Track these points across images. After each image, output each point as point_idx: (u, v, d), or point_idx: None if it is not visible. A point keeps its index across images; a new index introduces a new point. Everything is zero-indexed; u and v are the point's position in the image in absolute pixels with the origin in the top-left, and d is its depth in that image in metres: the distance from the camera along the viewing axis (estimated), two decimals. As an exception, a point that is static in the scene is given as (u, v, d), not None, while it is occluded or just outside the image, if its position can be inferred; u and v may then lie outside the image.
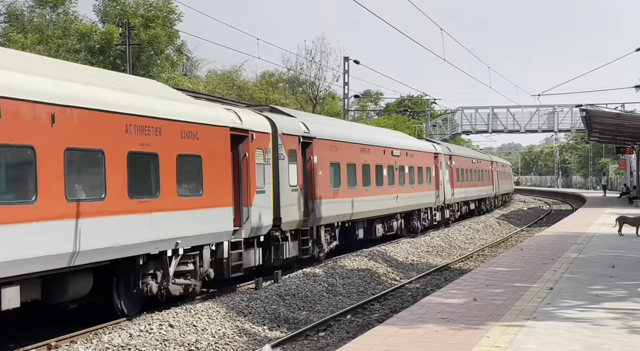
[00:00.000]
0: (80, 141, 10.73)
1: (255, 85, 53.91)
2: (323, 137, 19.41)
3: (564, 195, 74.43)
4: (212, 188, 14.04)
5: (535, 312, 9.76)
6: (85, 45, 38.00)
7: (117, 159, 11.45)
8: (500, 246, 27.62)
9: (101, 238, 11.05)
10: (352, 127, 26.25)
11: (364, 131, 25.62)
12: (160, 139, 12.52)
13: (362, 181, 22.34)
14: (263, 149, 16.25)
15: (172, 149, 12.89)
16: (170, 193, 12.81)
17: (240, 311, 13.35)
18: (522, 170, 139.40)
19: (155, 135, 12.42)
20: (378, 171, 23.78)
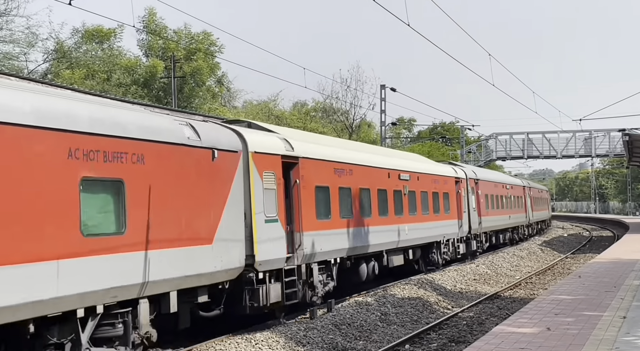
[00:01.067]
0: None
1: (292, 114, 54.27)
2: (480, 178, 23.40)
3: (602, 221, 73.17)
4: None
5: (616, 342, 9.42)
6: (131, 79, 38.67)
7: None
8: (547, 273, 27.07)
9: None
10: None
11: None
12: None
13: (500, 206, 27.71)
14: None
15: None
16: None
17: (299, 341, 13.18)
18: (557, 196, 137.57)
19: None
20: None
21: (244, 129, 14.16)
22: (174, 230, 10.90)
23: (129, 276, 9.82)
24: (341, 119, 57.64)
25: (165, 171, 10.85)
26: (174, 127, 11.35)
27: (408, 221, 21.84)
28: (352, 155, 18.95)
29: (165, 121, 11.33)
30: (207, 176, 11.93)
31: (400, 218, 21.26)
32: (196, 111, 33.45)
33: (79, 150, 9.22)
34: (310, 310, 15.62)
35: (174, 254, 10.83)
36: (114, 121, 9.89)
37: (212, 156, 12.12)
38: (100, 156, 9.52)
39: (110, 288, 9.45)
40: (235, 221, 12.62)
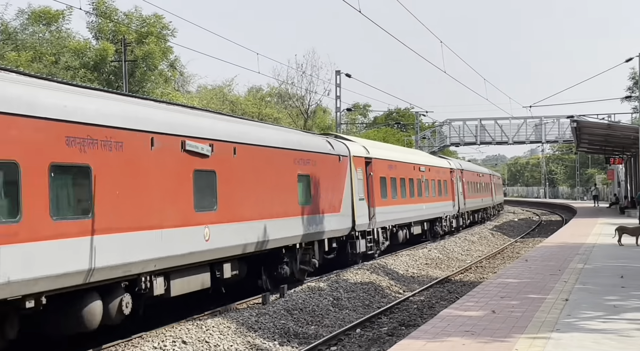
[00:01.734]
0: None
1: (247, 99, 53.87)
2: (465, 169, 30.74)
3: (551, 206, 74.89)
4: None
5: (557, 324, 9.71)
6: (80, 62, 37.76)
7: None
8: (496, 257, 27.64)
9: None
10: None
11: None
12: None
13: (477, 190, 31.50)
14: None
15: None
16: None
17: (251, 326, 13.22)
18: (509, 181, 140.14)
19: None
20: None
21: (346, 141, 22.44)
22: (328, 203, 19.34)
23: (317, 228, 18.67)
24: (296, 105, 57.53)
25: (324, 169, 19.24)
26: (324, 143, 19.88)
27: (425, 202, 29.90)
28: (396, 155, 27.62)
29: (321, 140, 20.12)
30: (337, 172, 20.27)
31: (420, 199, 29.28)
32: (148, 95, 32.97)
33: (298, 160, 17.76)
34: (263, 296, 15.68)
35: (328, 218, 19.33)
36: (306, 143, 18.53)
37: (338, 159, 20.38)
38: (306, 162, 18.02)
39: (303, 234, 17.73)
40: (347, 200, 20.92)
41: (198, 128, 13.19)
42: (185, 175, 12.54)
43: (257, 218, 15.19)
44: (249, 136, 15.14)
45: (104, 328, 12.29)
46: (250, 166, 14.90)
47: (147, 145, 11.54)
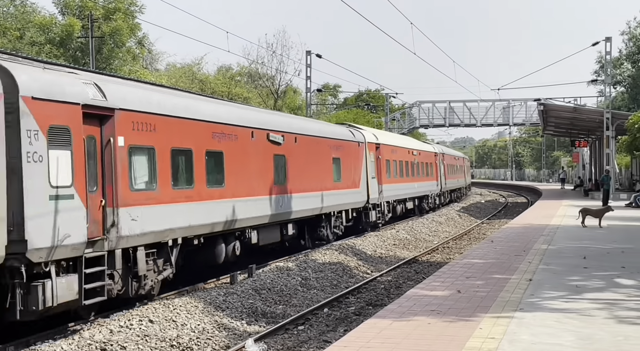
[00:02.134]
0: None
1: (217, 79, 53.33)
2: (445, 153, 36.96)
3: (518, 188, 75.86)
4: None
5: (520, 303, 9.89)
6: (46, 38, 36.93)
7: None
8: (463, 238, 27.98)
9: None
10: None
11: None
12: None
13: (455, 172, 38.44)
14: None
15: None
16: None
17: (218, 306, 13.22)
18: (476, 163, 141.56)
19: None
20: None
21: (362, 130, 27.79)
22: (351, 181, 24.34)
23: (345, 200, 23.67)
24: (267, 85, 57.16)
25: (348, 153, 24.17)
26: (347, 132, 25.25)
27: (417, 181, 34.75)
28: (397, 141, 33.24)
29: (345, 130, 25.60)
30: (357, 156, 25.11)
31: (414, 178, 34.15)
32: (116, 72, 32.44)
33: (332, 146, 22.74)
34: (231, 275, 15.67)
35: (351, 192, 24.32)
36: (337, 133, 23.98)
37: (358, 145, 25.24)
38: (337, 148, 22.92)
39: (336, 204, 22.74)
40: (364, 178, 25.79)
41: (275, 124, 18.62)
42: (269, 158, 17.81)
43: (310, 191, 20.59)
44: (304, 128, 20.75)
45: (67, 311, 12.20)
46: (305, 151, 20.23)
47: (249, 137, 16.79)
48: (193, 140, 14.22)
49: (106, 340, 10.27)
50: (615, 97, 61.00)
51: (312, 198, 20.74)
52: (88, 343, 9.97)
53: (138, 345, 10.40)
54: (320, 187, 21.44)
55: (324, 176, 21.84)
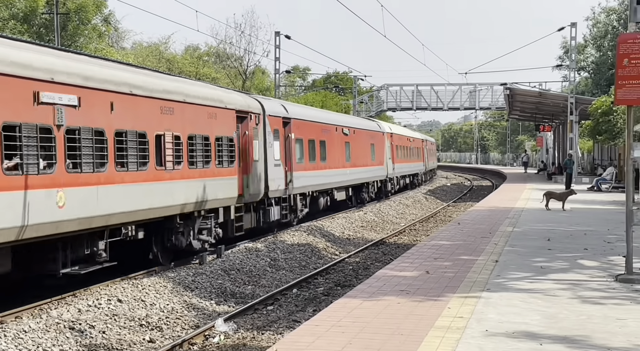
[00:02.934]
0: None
1: (184, 58, 52.72)
2: (396, 133, 40.27)
3: (483, 171, 76.83)
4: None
5: (487, 284, 10.08)
6: (9, 14, 36.02)
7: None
8: (430, 220, 28.31)
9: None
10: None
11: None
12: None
13: (406, 155, 42.10)
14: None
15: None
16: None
17: (187, 286, 13.22)
18: (443, 147, 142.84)
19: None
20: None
21: (383, 122, 40.23)
22: (378, 160, 33.90)
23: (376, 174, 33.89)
24: (235, 65, 56.72)
25: (378, 140, 34.23)
26: (375, 125, 35.76)
27: (413, 162, 45.20)
28: (402, 131, 45.69)
29: (373, 122, 36.43)
30: (381, 142, 34.92)
31: (411, 160, 44.26)
32: (81, 50, 31.85)
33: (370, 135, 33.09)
34: (200, 256, 15.64)
35: (379, 168, 33.95)
36: (372, 126, 34.82)
37: (382, 134, 35.13)
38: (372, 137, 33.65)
39: (372, 176, 32.97)
40: (386, 159, 35.14)
41: (343, 122, 29.00)
42: (343, 144, 27.90)
43: (361, 166, 30.22)
44: (357, 124, 31.52)
45: (35, 285, 12.07)
46: (358, 140, 30.07)
47: (335, 131, 26.76)
48: (315, 133, 24.23)
49: (74, 319, 10.21)
50: (579, 82, 61.96)
51: (362, 171, 30.62)
52: (56, 322, 9.91)
53: (107, 324, 10.36)
54: (365, 164, 31.32)
55: (367, 157, 31.84)
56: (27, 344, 9.05)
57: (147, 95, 13.41)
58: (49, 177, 10.63)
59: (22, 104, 10.28)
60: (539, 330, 7.55)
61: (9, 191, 9.87)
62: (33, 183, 10.31)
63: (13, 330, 9.31)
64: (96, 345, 9.59)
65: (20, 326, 9.49)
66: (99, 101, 12.00)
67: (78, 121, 11.31)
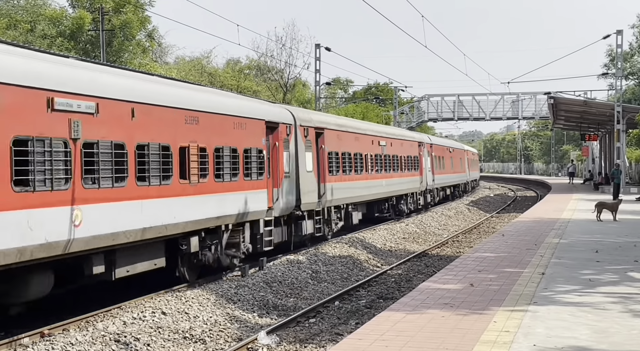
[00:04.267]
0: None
1: (225, 72, 53.30)
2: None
3: (527, 182, 75.65)
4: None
5: (534, 297, 9.86)
6: (57, 31, 37.02)
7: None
8: (473, 232, 27.94)
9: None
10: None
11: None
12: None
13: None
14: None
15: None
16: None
17: (230, 298, 13.25)
18: (485, 157, 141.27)
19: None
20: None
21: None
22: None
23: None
24: (275, 78, 57.13)
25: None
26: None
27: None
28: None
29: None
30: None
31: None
32: (126, 65, 32.47)
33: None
34: (242, 268, 15.69)
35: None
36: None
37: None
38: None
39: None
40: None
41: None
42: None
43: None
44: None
45: (82, 298, 12.26)
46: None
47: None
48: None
49: (120, 331, 10.31)
50: (626, 90, 60.63)
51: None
52: (102, 335, 10.02)
53: (151, 337, 10.44)
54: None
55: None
56: (74, 356, 9.17)
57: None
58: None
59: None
60: (589, 345, 7.34)
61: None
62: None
63: (60, 343, 9.45)
64: (141, 357, 9.66)
65: (67, 339, 9.62)
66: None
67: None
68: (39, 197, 9.73)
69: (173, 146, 12.83)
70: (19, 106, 9.61)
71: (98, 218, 10.83)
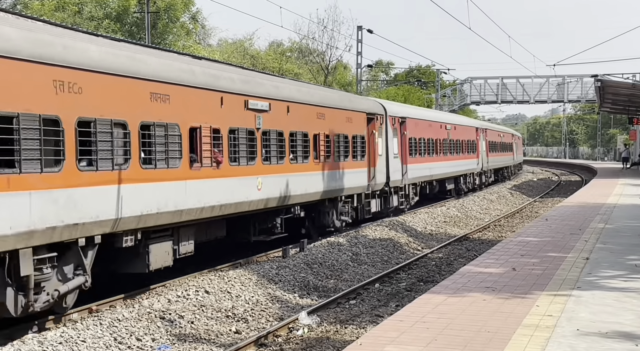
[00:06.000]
0: None
1: (267, 54, 53.46)
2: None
3: (571, 166, 74.29)
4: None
5: (578, 282, 9.75)
6: (104, 13, 37.62)
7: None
8: (515, 216, 27.62)
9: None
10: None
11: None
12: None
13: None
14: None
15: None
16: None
17: (271, 278, 13.41)
18: (528, 141, 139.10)
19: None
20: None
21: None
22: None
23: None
24: (317, 61, 57.07)
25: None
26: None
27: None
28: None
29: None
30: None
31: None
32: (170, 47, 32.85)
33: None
34: (283, 249, 15.85)
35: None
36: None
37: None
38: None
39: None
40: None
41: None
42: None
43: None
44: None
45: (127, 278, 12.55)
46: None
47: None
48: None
49: (165, 308, 10.55)
50: (677, 73, 58.81)
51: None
52: (147, 312, 10.27)
53: (195, 315, 10.65)
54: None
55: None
56: (121, 332, 9.41)
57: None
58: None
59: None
60: (634, 330, 7.25)
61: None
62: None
63: (108, 319, 9.71)
64: (185, 334, 9.87)
65: (114, 315, 9.89)
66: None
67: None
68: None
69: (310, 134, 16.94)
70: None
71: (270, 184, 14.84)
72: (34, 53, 8.77)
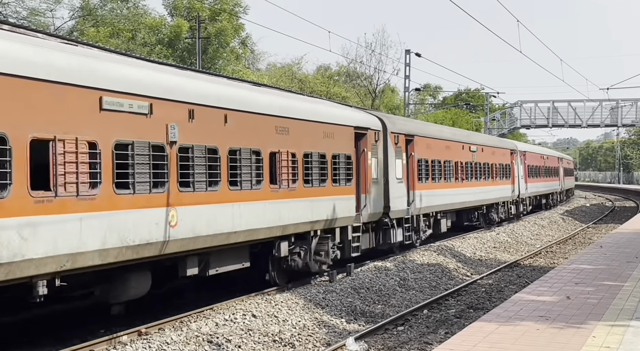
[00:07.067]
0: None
1: (315, 78, 53.92)
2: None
3: (625, 191, 72.39)
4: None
5: (636, 312, 9.41)
6: (156, 39, 38.69)
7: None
8: (568, 242, 26.96)
9: None
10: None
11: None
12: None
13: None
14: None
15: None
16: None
17: (318, 303, 13.32)
18: (580, 165, 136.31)
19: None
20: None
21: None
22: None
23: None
24: (364, 84, 57.21)
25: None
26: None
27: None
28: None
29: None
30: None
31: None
32: (220, 72, 33.44)
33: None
34: (330, 273, 15.74)
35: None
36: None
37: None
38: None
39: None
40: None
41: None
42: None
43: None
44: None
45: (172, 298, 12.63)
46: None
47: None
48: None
49: (212, 332, 10.56)
50: None
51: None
52: (195, 335, 10.29)
53: (242, 339, 10.62)
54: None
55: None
56: (169, 354, 9.45)
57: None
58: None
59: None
60: (698, 366, 6.93)
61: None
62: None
63: (157, 342, 9.76)
64: (232, 358, 9.85)
65: (163, 338, 9.93)
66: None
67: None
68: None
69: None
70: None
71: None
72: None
